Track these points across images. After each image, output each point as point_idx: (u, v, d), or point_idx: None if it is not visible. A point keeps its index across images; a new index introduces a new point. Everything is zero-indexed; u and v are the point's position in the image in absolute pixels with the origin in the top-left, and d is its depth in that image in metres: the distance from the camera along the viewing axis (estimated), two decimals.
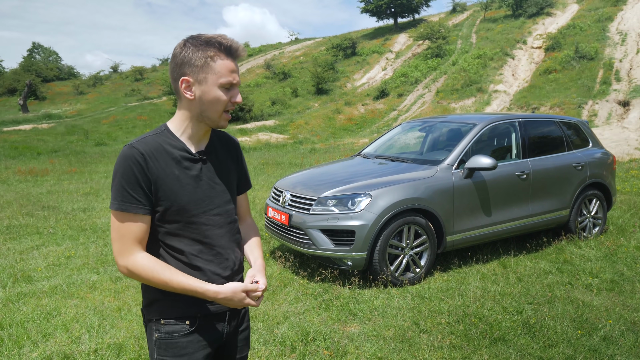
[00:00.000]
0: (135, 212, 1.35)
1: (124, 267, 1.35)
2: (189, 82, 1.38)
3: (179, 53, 1.38)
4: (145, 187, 1.36)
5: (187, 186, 1.42)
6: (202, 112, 1.41)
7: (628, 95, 22.79)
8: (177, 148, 1.42)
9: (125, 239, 1.35)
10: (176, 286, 1.35)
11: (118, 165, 1.35)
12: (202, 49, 1.37)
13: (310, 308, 3.76)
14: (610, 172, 5.93)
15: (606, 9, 33.70)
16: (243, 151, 18.16)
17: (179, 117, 1.45)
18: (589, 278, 4.40)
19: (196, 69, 1.37)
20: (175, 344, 1.42)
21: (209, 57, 1.36)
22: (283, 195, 4.65)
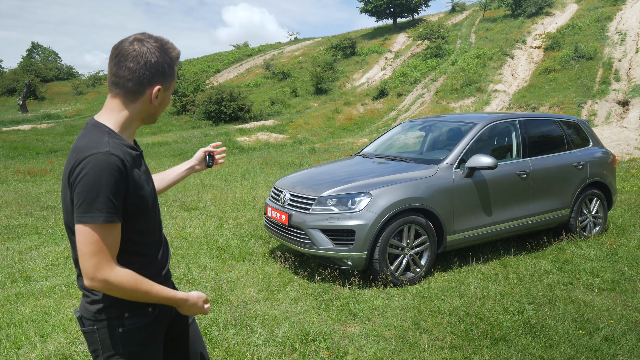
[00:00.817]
0: (118, 222, 1.34)
1: (104, 280, 1.31)
2: (160, 90, 1.44)
3: (149, 58, 1.38)
4: (124, 194, 1.35)
5: (144, 182, 1.46)
6: (154, 113, 1.49)
7: (627, 94, 22.80)
8: (129, 147, 1.43)
9: (105, 252, 1.31)
10: (154, 295, 1.40)
11: (98, 175, 1.28)
12: (165, 56, 1.43)
13: (310, 308, 3.74)
14: (610, 171, 5.92)
15: (605, 8, 33.71)
16: (242, 151, 18.16)
17: (123, 116, 1.44)
18: (589, 278, 4.38)
19: (166, 78, 1.44)
20: (141, 332, 1.46)
21: (172, 66, 1.45)
22: (282, 195, 4.63)
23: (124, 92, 1.41)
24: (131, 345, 1.45)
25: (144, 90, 1.41)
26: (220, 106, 27.30)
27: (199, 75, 37.73)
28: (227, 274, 4.46)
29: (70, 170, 1.33)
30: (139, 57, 1.38)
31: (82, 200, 1.29)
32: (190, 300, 1.52)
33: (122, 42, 1.41)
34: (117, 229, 1.34)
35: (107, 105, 1.45)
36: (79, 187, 1.29)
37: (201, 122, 27.84)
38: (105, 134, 1.38)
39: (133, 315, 1.44)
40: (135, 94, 1.41)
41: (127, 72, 1.38)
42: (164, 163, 13.85)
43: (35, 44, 57.71)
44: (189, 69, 42.58)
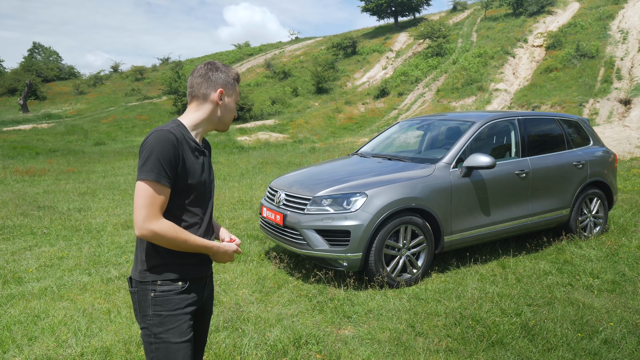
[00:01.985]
0: (165, 185, 1.64)
1: (150, 230, 1.60)
2: (223, 93, 1.83)
3: (212, 73, 1.83)
4: (175, 166, 1.67)
5: (198, 170, 1.78)
6: (221, 117, 1.86)
7: (629, 93, 22.67)
8: (192, 140, 1.78)
9: (154, 206, 1.61)
10: (192, 243, 1.69)
11: (155, 144, 1.63)
12: (231, 74, 1.87)
13: (304, 310, 3.68)
14: (611, 170, 5.84)
15: (607, 7, 33.53)
16: (242, 150, 18.10)
17: (196, 117, 1.82)
18: (589, 279, 4.31)
19: (229, 87, 1.85)
20: (170, 300, 1.71)
21: (235, 81, 1.88)
22: (278, 195, 4.57)
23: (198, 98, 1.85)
24: (160, 308, 1.70)
25: (208, 93, 1.83)
26: None
27: None
28: (221, 275, 4.40)
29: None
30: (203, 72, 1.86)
31: (141, 162, 1.64)
32: (222, 249, 1.81)
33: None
34: (165, 191, 1.65)
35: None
36: (141, 153, 1.66)
37: None
38: (173, 124, 1.75)
39: (164, 284, 1.70)
40: (203, 98, 1.84)
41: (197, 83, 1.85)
42: None
43: (37, 44, 57.77)
44: (189, 68, 42.53)
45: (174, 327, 1.70)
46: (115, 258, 4.97)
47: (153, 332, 1.70)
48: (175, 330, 1.70)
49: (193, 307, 1.77)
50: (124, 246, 5.41)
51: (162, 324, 1.70)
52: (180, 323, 1.72)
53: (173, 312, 1.71)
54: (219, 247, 1.80)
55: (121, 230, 6.14)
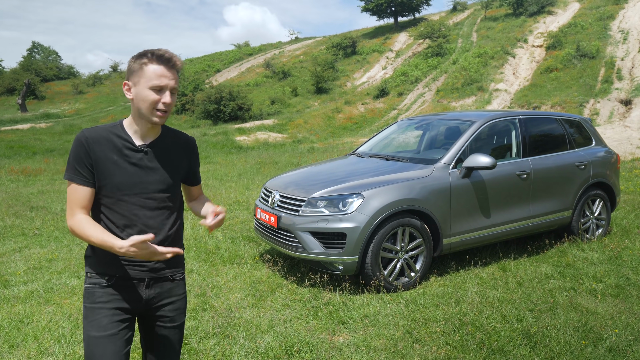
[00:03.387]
0: (78, 183, 1.67)
1: (69, 226, 1.68)
2: (129, 85, 1.72)
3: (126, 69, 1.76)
4: (87, 165, 1.68)
5: (123, 170, 1.71)
6: (138, 109, 1.72)
7: (630, 93, 22.55)
8: (121, 139, 1.73)
9: (72, 203, 1.68)
10: (94, 239, 1.62)
11: (73, 144, 1.68)
12: (138, 58, 1.70)
13: (298, 315, 3.55)
14: (614, 171, 5.71)
15: (607, 7, 33.41)
16: (241, 150, 17.96)
17: (130, 115, 1.79)
18: (592, 283, 4.19)
19: (133, 74, 1.70)
20: (94, 293, 1.73)
21: (142, 64, 1.68)
22: (272, 196, 4.45)
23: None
24: (85, 301, 1.74)
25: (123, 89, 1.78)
26: (220, 105, 27.12)
27: (198, 75, 37.58)
28: (213, 278, 4.28)
29: None
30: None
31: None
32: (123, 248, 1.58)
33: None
34: (80, 189, 1.68)
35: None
36: None
37: (200, 122, 27.66)
38: (109, 124, 1.78)
39: (93, 277, 1.74)
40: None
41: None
42: None
43: (36, 44, 57.62)
44: (189, 68, 42.42)
45: (93, 320, 1.70)
46: None
47: (83, 324, 1.74)
48: (94, 323, 1.69)
49: (121, 305, 1.73)
50: None
51: (86, 317, 1.73)
52: (100, 317, 1.69)
53: (94, 305, 1.72)
54: (121, 245, 1.59)
55: None
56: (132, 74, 1.70)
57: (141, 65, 1.68)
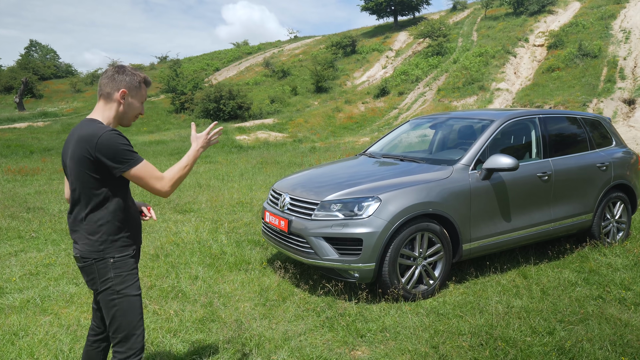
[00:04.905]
0: (142, 159, 2.03)
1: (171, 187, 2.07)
2: (125, 94, 2.10)
3: (118, 74, 2.10)
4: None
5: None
6: (124, 113, 2.13)
7: (633, 93, 22.38)
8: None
9: (155, 171, 2.04)
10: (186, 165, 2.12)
11: (115, 139, 1.95)
12: (136, 77, 2.13)
13: (313, 327, 3.32)
14: (634, 172, 5.50)
15: (609, 6, 33.24)
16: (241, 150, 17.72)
17: (107, 114, 2.10)
18: (621, 291, 3.97)
19: (133, 89, 2.12)
20: (127, 262, 2.09)
21: (140, 82, 2.15)
22: (282, 199, 4.21)
23: (104, 98, 2.13)
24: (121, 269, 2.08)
25: (112, 94, 2.10)
26: (219, 104, 26.87)
27: (197, 74, 37.29)
28: (220, 285, 4.04)
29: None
30: (111, 73, 2.13)
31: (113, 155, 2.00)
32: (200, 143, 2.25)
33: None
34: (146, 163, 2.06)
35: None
36: (102, 150, 1.97)
37: (200, 121, 27.39)
38: (99, 123, 2.06)
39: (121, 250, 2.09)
40: (109, 98, 2.11)
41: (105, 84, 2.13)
42: (160, 162, 13.41)
43: (34, 42, 57.15)
44: (188, 67, 42.11)
45: (133, 282, 2.11)
46: None
47: (116, 290, 2.05)
48: (134, 285, 2.11)
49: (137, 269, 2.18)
50: None
51: (124, 281, 2.06)
52: (136, 279, 2.13)
53: (131, 272, 2.11)
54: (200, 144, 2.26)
55: None
56: (132, 88, 2.11)
57: (140, 83, 2.14)
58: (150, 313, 3.47)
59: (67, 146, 2.06)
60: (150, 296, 3.81)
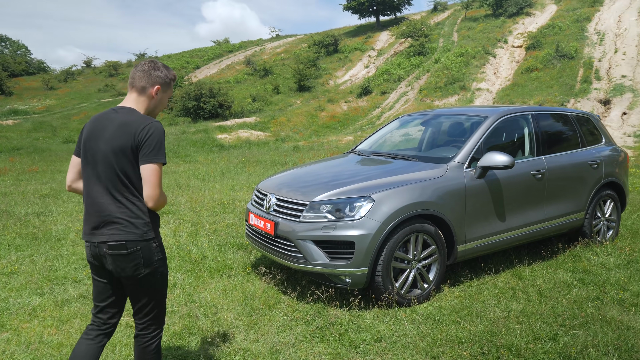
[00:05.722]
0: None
1: (164, 200, 2.12)
2: (159, 90, 2.23)
3: (154, 70, 2.21)
4: None
5: None
6: (155, 107, 2.25)
7: (609, 93, 22.79)
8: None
9: (161, 183, 2.09)
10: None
11: (163, 133, 2.09)
12: (170, 73, 2.26)
13: (302, 338, 3.08)
14: (623, 170, 5.43)
15: (584, 9, 33.89)
16: (222, 149, 17.32)
17: (139, 107, 2.19)
18: (617, 292, 3.84)
19: (166, 85, 2.25)
20: (162, 244, 2.22)
21: (172, 81, 2.27)
22: (267, 199, 3.95)
23: (139, 92, 2.20)
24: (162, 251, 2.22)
25: (148, 88, 2.20)
26: (200, 103, 26.30)
27: (177, 71, 36.57)
28: (201, 294, 3.76)
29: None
30: (148, 67, 2.22)
31: (151, 148, 2.06)
32: None
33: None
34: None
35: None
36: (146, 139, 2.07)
37: (179, 119, 26.79)
38: (136, 113, 2.17)
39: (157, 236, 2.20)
40: (143, 92, 2.20)
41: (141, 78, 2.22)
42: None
43: (3, 37, 55.12)
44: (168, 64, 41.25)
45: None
46: (75, 273, 4.26)
47: (160, 271, 2.18)
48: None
49: None
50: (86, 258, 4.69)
51: (164, 259, 2.21)
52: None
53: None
54: None
55: None
56: (165, 85, 2.23)
57: (171, 81, 2.26)
58: (122, 326, 3.17)
59: (98, 131, 2.08)
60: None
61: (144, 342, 2.18)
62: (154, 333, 2.20)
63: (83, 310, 3.45)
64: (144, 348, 2.18)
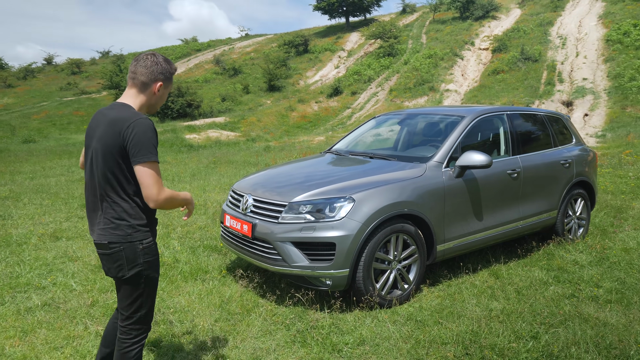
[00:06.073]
0: (159, 162, 2.04)
1: (164, 197, 2.01)
2: (161, 86, 2.19)
3: (156, 66, 2.15)
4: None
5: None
6: (156, 103, 2.21)
7: (571, 95, 23.63)
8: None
9: (159, 180, 2.01)
10: (183, 197, 2.17)
11: (149, 130, 2.00)
12: (171, 68, 2.22)
13: (284, 343, 2.98)
14: (593, 169, 5.57)
15: (546, 14, 35.06)
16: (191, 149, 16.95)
17: (138, 102, 2.15)
18: (592, 288, 3.92)
19: (168, 81, 2.22)
20: (154, 248, 2.16)
21: (172, 76, 2.24)
22: (244, 200, 3.83)
23: (139, 87, 2.15)
24: (153, 254, 2.17)
25: (150, 83, 2.15)
26: (167, 102, 25.69)
27: None
28: (175, 299, 3.60)
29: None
30: (151, 62, 2.16)
31: (139, 147, 2.00)
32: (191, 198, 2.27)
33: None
34: (159, 168, 2.05)
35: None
36: (132, 138, 1.99)
37: None
38: (131, 109, 2.10)
39: (147, 234, 2.13)
40: (145, 87, 2.15)
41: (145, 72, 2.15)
42: None
43: None
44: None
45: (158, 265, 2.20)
46: (39, 279, 4.01)
47: (145, 275, 2.12)
48: (158, 268, 2.21)
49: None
50: (51, 263, 4.44)
51: (154, 265, 2.15)
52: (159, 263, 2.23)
53: (157, 256, 2.19)
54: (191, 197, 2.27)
55: (49, 243, 5.12)
56: (166, 80, 2.19)
57: (171, 75, 2.21)
58: (92, 336, 2.99)
59: (93, 128, 2.10)
60: (93, 315, 3.31)
61: (124, 347, 2.12)
62: (135, 339, 2.12)
63: (48, 319, 3.24)
64: (123, 354, 2.11)
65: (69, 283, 3.89)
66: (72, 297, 3.63)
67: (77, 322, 3.18)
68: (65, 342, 2.92)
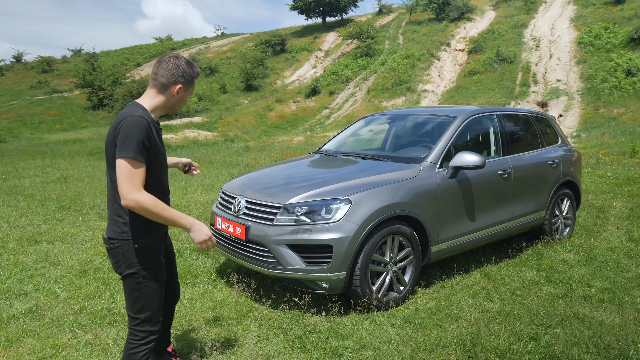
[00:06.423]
0: (142, 162, 2.00)
1: (134, 200, 1.94)
2: (181, 89, 2.20)
3: (178, 69, 2.16)
4: (147, 146, 2.03)
5: (161, 148, 2.19)
6: (174, 104, 2.23)
7: (546, 96, 24.21)
8: (155, 122, 2.17)
9: (136, 180, 1.96)
10: (168, 215, 2.02)
11: (133, 126, 1.98)
12: (193, 70, 2.23)
13: (281, 349, 2.88)
14: (578, 169, 5.66)
15: (520, 16, 35.81)
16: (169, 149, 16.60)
17: (155, 102, 2.17)
18: (584, 288, 3.95)
19: (188, 84, 2.23)
20: (152, 251, 2.16)
21: (194, 78, 2.25)
22: (236, 202, 3.71)
23: (159, 87, 2.17)
24: (143, 257, 2.15)
25: (169, 84, 2.17)
26: None
27: (117, 68, 34.77)
28: None
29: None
30: (172, 64, 2.18)
31: (120, 143, 1.98)
32: (196, 225, 2.10)
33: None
34: (142, 167, 1.99)
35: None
36: (117, 134, 2.01)
37: None
38: (139, 108, 2.11)
39: (146, 238, 2.15)
40: (164, 88, 2.17)
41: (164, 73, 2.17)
42: (77, 163, 12.06)
43: None
44: (106, 61, 39.19)
45: (161, 272, 2.20)
46: (20, 285, 3.79)
47: (142, 275, 2.11)
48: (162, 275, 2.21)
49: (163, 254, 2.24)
50: (31, 268, 4.22)
51: (148, 271, 2.13)
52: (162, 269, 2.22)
53: (159, 263, 2.20)
54: (192, 223, 2.09)
55: (28, 247, 4.88)
56: (187, 83, 2.20)
57: (193, 79, 2.22)
58: (82, 345, 2.83)
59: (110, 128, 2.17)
60: (81, 322, 3.14)
61: (130, 347, 2.14)
62: (142, 342, 2.13)
63: (34, 327, 3.06)
64: (130, 355, 2.13)
65: (52, 289, 3.69)
66: (57, 303, 3.44)
67: (65, 330, 3.01)
68: (53, 351, 2.75)
